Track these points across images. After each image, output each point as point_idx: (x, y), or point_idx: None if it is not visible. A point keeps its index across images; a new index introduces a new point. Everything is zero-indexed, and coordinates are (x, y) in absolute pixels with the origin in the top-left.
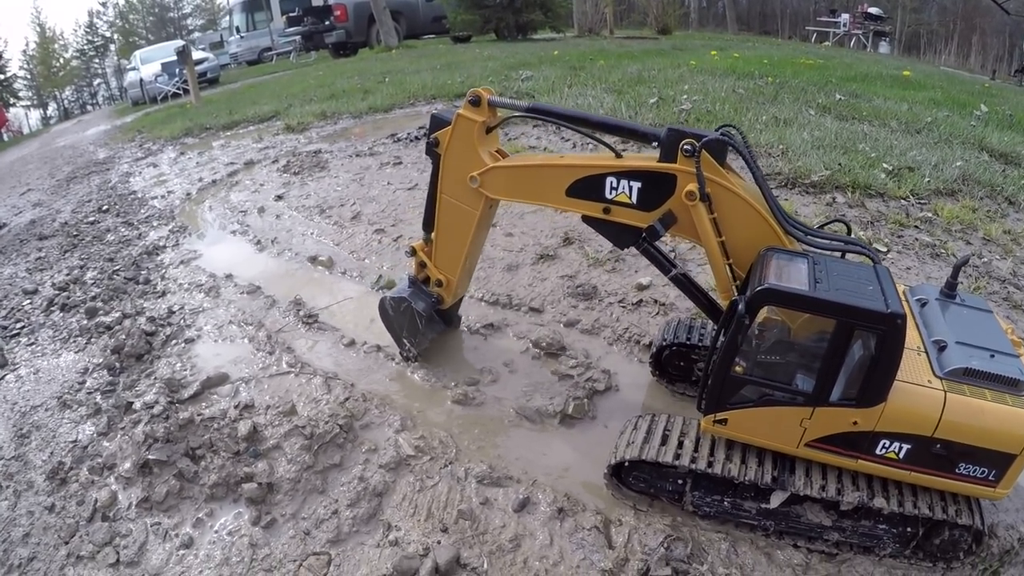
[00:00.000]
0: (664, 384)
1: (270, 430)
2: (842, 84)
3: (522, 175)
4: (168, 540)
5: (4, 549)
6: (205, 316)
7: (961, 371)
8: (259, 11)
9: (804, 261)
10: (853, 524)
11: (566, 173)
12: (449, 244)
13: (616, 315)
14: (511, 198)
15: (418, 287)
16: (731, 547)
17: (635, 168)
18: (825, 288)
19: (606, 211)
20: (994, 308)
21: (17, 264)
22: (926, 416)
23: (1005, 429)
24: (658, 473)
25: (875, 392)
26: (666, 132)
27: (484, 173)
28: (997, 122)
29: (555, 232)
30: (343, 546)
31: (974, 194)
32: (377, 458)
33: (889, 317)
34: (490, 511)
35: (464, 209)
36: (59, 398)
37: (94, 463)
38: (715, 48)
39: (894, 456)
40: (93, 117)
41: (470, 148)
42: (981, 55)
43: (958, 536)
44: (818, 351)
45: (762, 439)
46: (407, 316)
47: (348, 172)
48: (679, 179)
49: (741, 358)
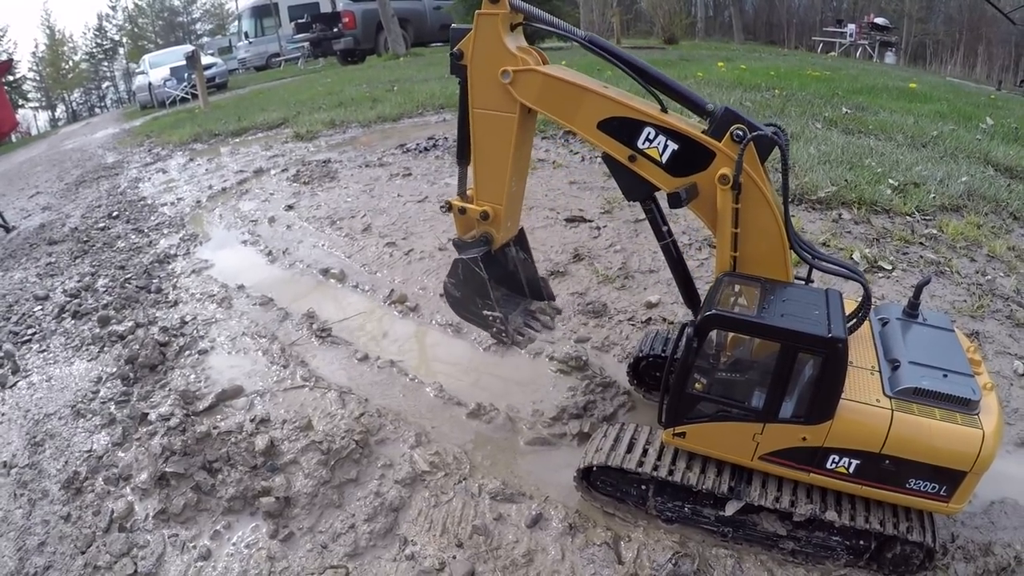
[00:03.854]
0: (642, 393)
1: (287, 444)
2: (848, 96)
3: (560, 89)
4: (186, 552)
5: (20, 558)
6: (218, 327)
7: (911, 390)
8: (268, 17)
9: (757, 286)
10: (807, 535)
11: (607, 105)
12: (490, 167)
13: (626, 333)
14: (539, 107)
15: (463, 242)
16: (736, 564)
17: (680, 129)
18: (770, 314)
19: (631, 159)
20: (996, 327)
21: (27, 269)
22: (873, 433)
23: (953, 447)
24: (623, 479)
25: (821, 410)
26: (723, 110)
27: (520, 72)
28: (1003, 135)
29: (565, 248)
30: (360, 560)
31: (979, 210)
32: (393, 473)
33: (830, 341)
34: (503, 527)
35: (500, 117)
36: (73, 407)
37: (110, 473)
38: (722, 59)
39: (844, 471)
40: (101, 120)
41: (497, 43)
42: (987, 65)
43: (910, 551)
44: (767, 371)
45: (718, 452)
46: (468, 278)
47: (358, 183)
48: (718, 158)
49: (697, 376)
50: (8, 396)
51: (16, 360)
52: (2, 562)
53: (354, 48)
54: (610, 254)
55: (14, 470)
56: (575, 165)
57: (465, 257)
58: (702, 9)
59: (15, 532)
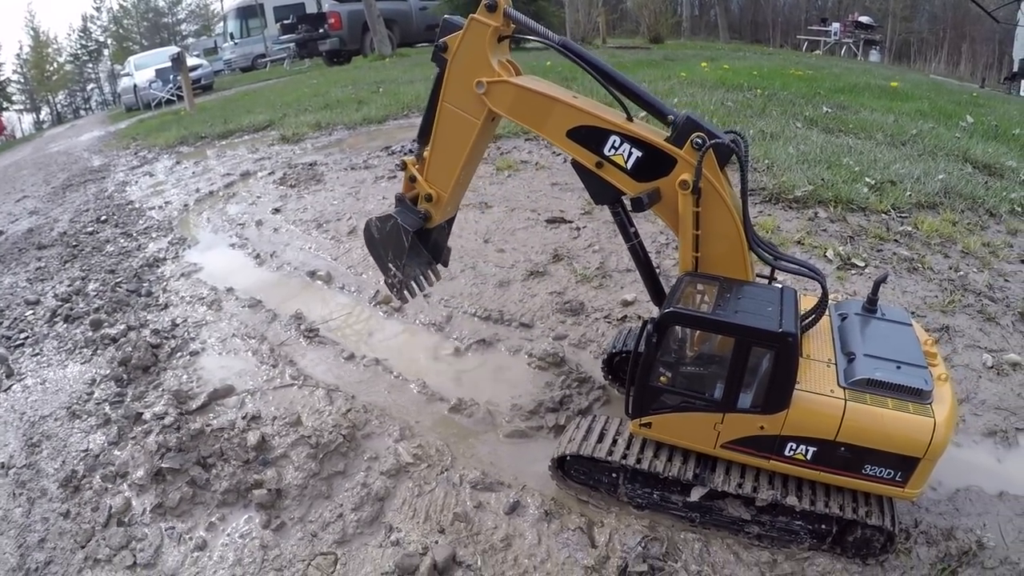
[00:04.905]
0: (616, 388)
1: (277, 440)
2: (830, 96)
3: (531, 99)
4: (183, 543)
5: (21, 554)
6: (208, 329)
7: (865, 381)
8: (253, 18)
9: (716, 285)
10: (771, 519)
11: (575, 115)
12: (444, 156)
13: (602, 330)
14: (512, 117)
15: (405, 204)
16: (704, 547)
17: (642, 137)
18: (725, 311)
19: (598, 165)
20: (967, 321)
21: (17, 274)
22: (827, 422)
23: (906, 434)
24: (595, 467)
25: (777, 400)
26: (684, 118)
27: (493, 83)
28: (982, 133)
29: (545, 249)
30: (348, 546)
31: (955, 207)
32: (378, 465)
33: (781, 336)
34: (483, 514)
35: (465, 118)
36: (68, 408)
37: (107, 471)
38: (706, 58)
39: (802, 457)
40: (86, 122)
41: (480, 53)
42: (971, 62)
43: (871, 535)
44: (725, 365)
45: (683, 441)
46: (393, 235)
47: (344, 186)
48: (679, 164)
49: (660, 369)
50: (3, 399)
51: (10, 364)
52: (3, 559)
53: (340, 49)
54: (589, 254)
55: (12, 470)
56: (557, 167)
57: (402, 224)
58: (688, 8)
59: (15, 530)
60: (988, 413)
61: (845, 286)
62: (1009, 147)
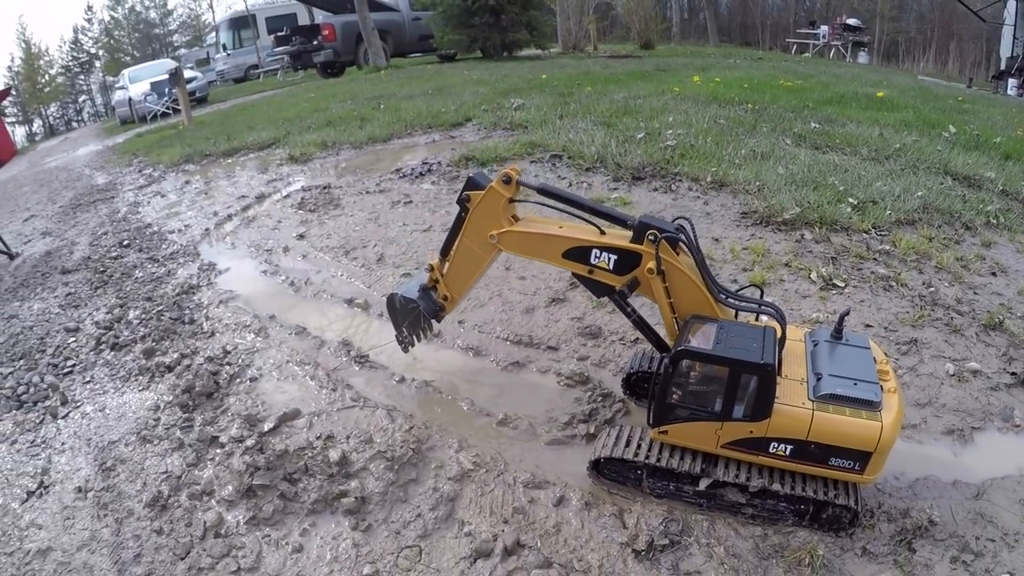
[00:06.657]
0: (634, 401)
1: (355, 455)
2: (818, 108)
3: (531, 239)
4: (280, 548)
5: (119, 570)
6: (261, 356)
7: (828, 395)
8: (246, 28)
9: (715, 326)
10: (761, 502)
11: (564, 243)
12: (461, 274)
13: (618, 351)
14: (519, 254)
15: (427, 293)
16: (710, 525)
17: (614, 246)
18: (722, 347)
19: (590, 272)
20: (934, 334)
21: (46, 300)
22: (799, 427)
23: (860, 434)
24: (624, 466)
25: (761, 412)
26: (638, 223)
27: (502, 234)
28: (964, 143)
29: (561, 276)
30: (429, 539)
31: (932, 222)
32: (445, 472)
33: (761, 367)
34: (536, 507)
35: (480, 254)
36: (138, 433)
37: (192, 490)
38: (697, 67)
39: (783, 453)
40: (80, 135)
41: (495, 213)
42: (959, 61)
43: (839, 513)
44: (722, 386)
45: (692, 443)
46: (412, 313)
47: (362, 211)
48: (644, 257)
49: (674, 389)
50: (63, 426)
51: (63, 392)
52: (102, 575)
53: (334, 60)
54: None
55: (91, 493)
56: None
57: (423, 311)
58: (677, 13)
59: (107, 548)
60: (948, 415)
61: (827, 305)
62: (989, 156)
